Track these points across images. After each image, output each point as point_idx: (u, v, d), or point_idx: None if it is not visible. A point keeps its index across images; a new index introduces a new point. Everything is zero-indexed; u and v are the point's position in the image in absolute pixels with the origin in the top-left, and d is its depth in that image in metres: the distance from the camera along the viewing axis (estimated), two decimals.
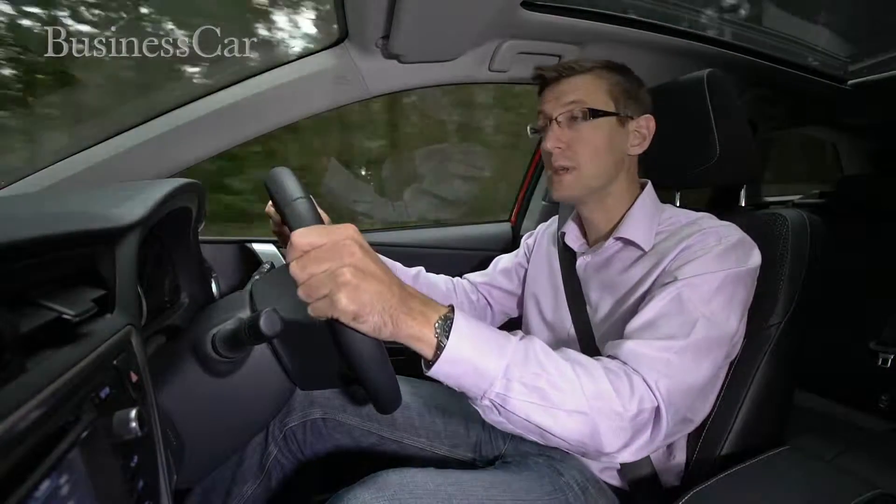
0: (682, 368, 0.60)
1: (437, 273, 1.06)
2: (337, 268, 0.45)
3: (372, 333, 0.47)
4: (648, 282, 0.71)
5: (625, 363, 0.60)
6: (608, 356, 0.63)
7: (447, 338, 0.50)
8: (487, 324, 0.55)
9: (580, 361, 0.57)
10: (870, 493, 0.60)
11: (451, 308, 0.52)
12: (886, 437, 1.15)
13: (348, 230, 0.47)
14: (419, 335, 0.49)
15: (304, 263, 0.45)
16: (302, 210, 0.52)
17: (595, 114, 0.75)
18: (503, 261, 1.06)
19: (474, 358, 0.51)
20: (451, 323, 0.51)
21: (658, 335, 0.62)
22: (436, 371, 0.51)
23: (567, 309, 0.84)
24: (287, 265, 0.50)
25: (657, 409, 0.58)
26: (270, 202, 0.78)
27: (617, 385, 0.56)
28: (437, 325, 0.50)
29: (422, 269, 1.03)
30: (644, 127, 0.79)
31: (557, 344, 0.85)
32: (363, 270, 0.45)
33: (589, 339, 0.78)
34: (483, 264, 1.13)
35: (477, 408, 0.56)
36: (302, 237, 0.45)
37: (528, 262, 1.01)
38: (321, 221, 0.52)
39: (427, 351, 0.50)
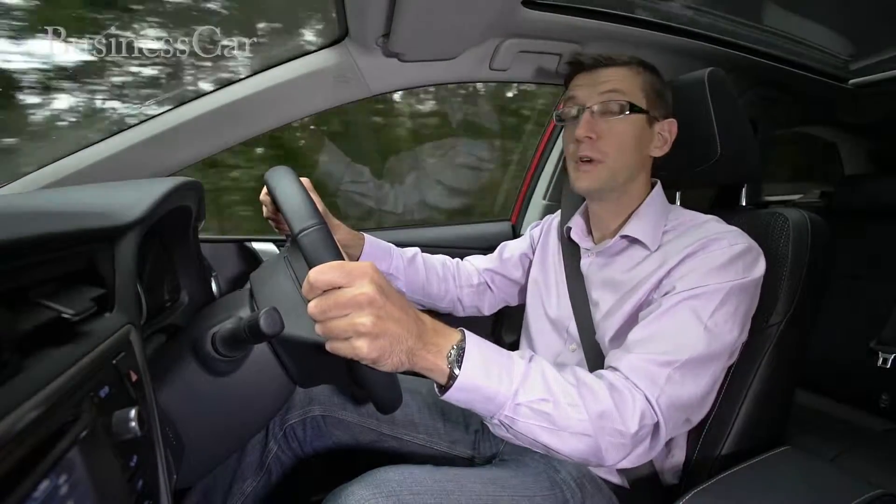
0: (683, 384, 0.62)
1: None
2: (357, 316, 0.45)
3: (390, 371, 0.49)
4: (652, 282, 0.71)
5: (627, 378, 0.61)
6: (610, 367, 0.64)
7: (459, 368, 0.52)
8: (497, 347, 0.57)
9: (585, 382, 0.59)
10: (870, 493, 0.59)
11: (463, 335, 0.54)
12: (886, 437, 1.15)
13: (367, 270, 0.46)
14: (433, 366, 0.52)
15: (324, 307, 0.45)
16: (319, 242, 0.51)
17: (633, 108, 0.75)
18: (508, 248, 1.05)
19: (485, 386, 0.53)
20: (464, 353, 0.53)
21: (660, 349, 0.62)
22: (448, 397, 0.54)
23: (569, 305, 0.84)
24: (280, 256, 0.49)
25: (656, 424, 0.60)
26: (265, 191, 0.78)
27: (620, 404, 0.58)
28: (449, 356, 0.52)
29: (418, 250, 1.02)
30: (667, 130, 0.79)
31: (559, 340, 0.86)
32: (383, 318, 0.46)
33: (590, 336, 0.78)
34: None
35: (486, 423, 0.59)
36: (321, 275, 0.45)
37: (533, 252, 1.00)
38: (339, 254, 0.51)
39: (441, 379, 0.53)
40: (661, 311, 0.66)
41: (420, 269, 0.99)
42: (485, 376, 0.53)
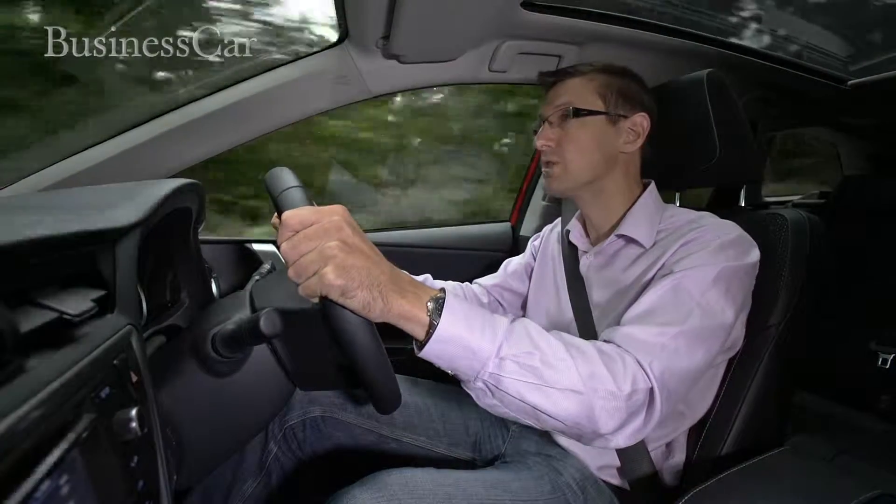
0: (676, 352, 0.61)
1: (439, 273, 1.07)
2: (325, 244, 0.45)
3: (361, 311, 0.47)
4: (649, 277, 0.72)
5: (619, 346, 0.60)
6: (603, 340, 0.63)
7: (439, 317, 0.50)
8: (478, 306, 0.56)
9: (573, 343, 0.58)
10: (870, 493, 0.59)
11: (443, 290, 0.53)
12: (886, 437, 1.15)
13: (337, 209, 0.48)
14: (410, 314, 0.50)
15: (294, 242, 0.46)
16: (293, 195, 0.51)
17: (578, 112, 0.79)
18: (513, 263, 1.07)
19: (467, 337, 0.51)
20: (443, 302, 0.51)
21: (653, 322, 0.62)
22: (427, 351, 0.51)
23: (570, 306, 0.84)
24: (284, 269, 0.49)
25: (651, 391, 0.58)
26: (276, 215, 0.78)
27: (611, 366, 0.56)
28: (429, 304, 0.51)
29: (428, 276, 1.04)
30: (638, 124, 0.80)
31: None
32: (350, 246, 0.46)
33: (592, 337, 0.78)
34: (483, 264, 1.13)
35: (470, 391, 0.56)
36: (292, 216, 0.47)
37: (535, 261, 1.02)
38: (312, 205, 0.52)
39: (419, 331, 0.51)
40: (654, 289, 0.66)
41: None
42: (467, 328, 0.51)
